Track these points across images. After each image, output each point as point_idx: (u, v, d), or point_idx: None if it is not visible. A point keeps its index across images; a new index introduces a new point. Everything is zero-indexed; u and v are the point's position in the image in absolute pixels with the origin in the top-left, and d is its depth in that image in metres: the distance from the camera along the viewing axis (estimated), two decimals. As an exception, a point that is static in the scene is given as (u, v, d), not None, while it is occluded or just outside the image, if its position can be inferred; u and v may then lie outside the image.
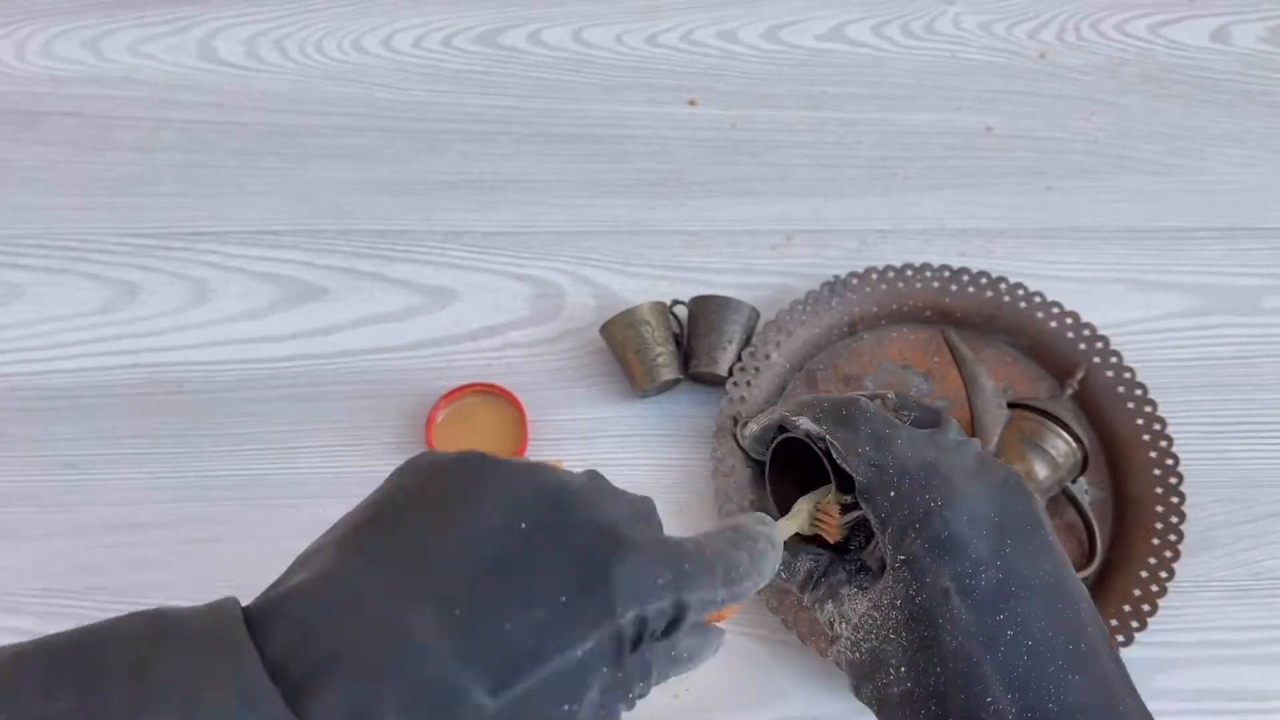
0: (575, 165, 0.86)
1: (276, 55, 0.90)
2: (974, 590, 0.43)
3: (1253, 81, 0.91)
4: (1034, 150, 0.88)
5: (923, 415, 0.51)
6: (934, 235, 0.84)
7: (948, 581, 0.43)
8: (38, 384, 0.78)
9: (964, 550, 0.43)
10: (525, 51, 0.91)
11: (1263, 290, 0.82)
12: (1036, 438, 0.70)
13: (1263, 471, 0.76)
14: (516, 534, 0.34)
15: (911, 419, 0.50)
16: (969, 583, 0.43)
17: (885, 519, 0.46)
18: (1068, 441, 0.70)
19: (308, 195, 0.85)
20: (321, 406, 0.78)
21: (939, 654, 0.42)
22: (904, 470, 0.46)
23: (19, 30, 0.90)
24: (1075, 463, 0.71)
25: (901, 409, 0.51)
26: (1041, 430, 0.70)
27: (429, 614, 0.31)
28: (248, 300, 0.81)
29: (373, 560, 0.33)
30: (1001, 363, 0.78)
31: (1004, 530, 0.44)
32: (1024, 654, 0.41)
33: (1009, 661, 0.41)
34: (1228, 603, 0.72)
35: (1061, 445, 0.70)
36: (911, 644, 0.43)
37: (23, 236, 0.83)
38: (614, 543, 0.35)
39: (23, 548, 0.73)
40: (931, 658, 0.42)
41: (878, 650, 0.44)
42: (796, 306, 0.78)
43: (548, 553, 0.34)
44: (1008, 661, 0.41)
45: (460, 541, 0.33)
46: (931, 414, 0.51)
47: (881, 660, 0.44)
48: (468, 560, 0.32)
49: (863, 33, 0.92)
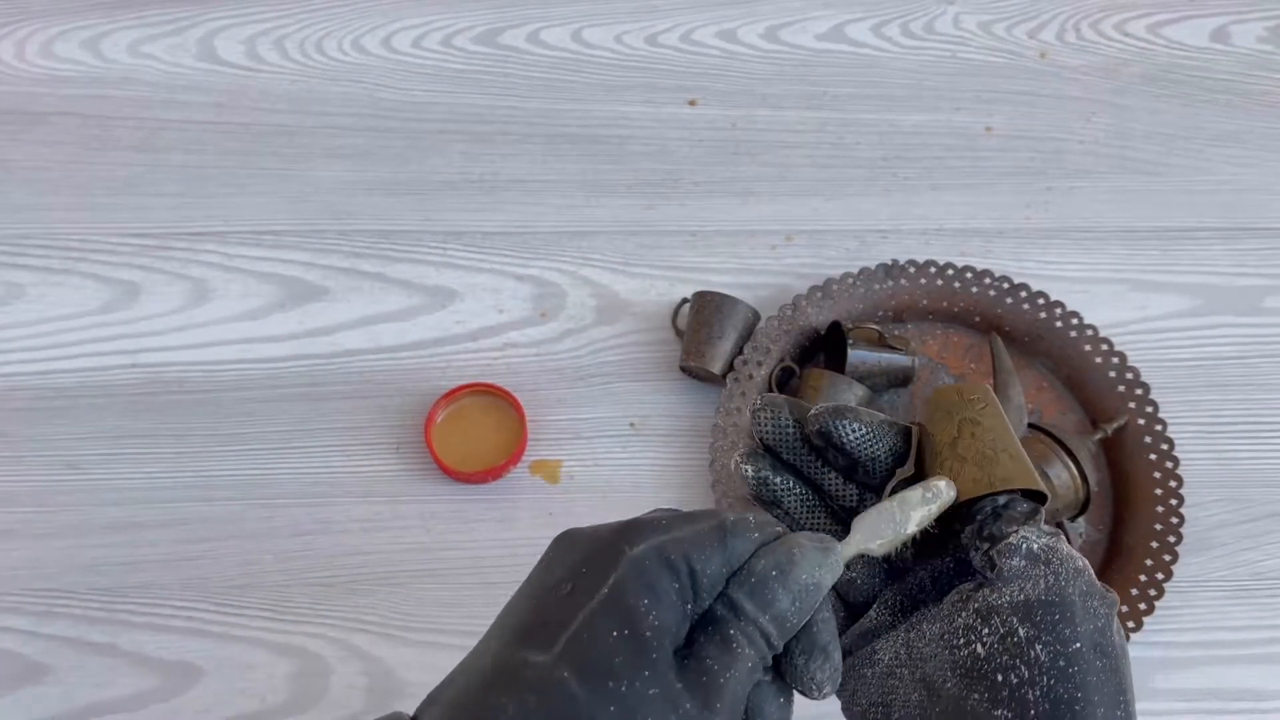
0: (575, 165, 0.86)
1: (276, 55, 0.90)
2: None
3: (1253, 81, 0.91)
4: (1034, 150, 0.88)
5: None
6: (934, 235, 0.84)
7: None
8: (38, 384, 0.78)
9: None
10: (525, 51, 0.91)
11: (1263, 290, 0.82)
12: (1043, 461, 0.70)
13: (1263, 471, 0.76)
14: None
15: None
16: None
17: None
18: (1074, 476, 0.70)
19: (308, 195, 0.85)
20: (321, 406, 0.78)
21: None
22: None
23: (19, 30, 0.90)
24: (1075, 500, 0.71)
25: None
26: (1050, 456, 0.70)
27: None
28: (248, 300, 0.81)
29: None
30: (1038, 386, 0.78)
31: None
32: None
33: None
34: (1227, 603, 0.72)
35: (1065, 476, 0.70)
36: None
37: (24, 237, 0.83)
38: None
39: (23, 548, 0.73)
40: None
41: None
42: (847, 278, 0.79)
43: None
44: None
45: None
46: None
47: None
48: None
49: (863, 33, 0.92)
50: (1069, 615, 0.38)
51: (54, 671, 0.70)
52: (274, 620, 0.72)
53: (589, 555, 0.37)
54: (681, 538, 0.37)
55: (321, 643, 0.71)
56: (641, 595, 0.35)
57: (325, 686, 0.70)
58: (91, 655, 0.71)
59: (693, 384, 0.79)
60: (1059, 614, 0.38)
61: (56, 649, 0.71)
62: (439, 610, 0.72)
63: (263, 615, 0.72)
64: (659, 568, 0.36)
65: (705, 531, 0.37)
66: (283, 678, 0.70)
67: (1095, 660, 0.38)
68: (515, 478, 0.76)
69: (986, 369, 0.77)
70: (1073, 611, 0.38)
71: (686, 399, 0.78)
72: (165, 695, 0.70)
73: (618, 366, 0.79)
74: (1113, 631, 0.40)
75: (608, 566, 0.36)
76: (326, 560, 0.73)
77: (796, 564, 0.37)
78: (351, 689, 0.70)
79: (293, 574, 0.73)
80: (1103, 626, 0.39)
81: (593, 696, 0.34)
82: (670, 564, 0.36)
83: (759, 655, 0.36)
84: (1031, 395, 0.77)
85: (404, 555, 0.74)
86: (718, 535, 0.37)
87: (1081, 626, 0.38)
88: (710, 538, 0.37)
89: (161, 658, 0.71)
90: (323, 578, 0.73)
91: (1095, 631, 0.38)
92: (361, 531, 0.74)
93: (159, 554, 0.73)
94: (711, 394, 0.78)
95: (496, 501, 0.75)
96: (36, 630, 0.71)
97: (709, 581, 0.37)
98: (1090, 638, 0.38)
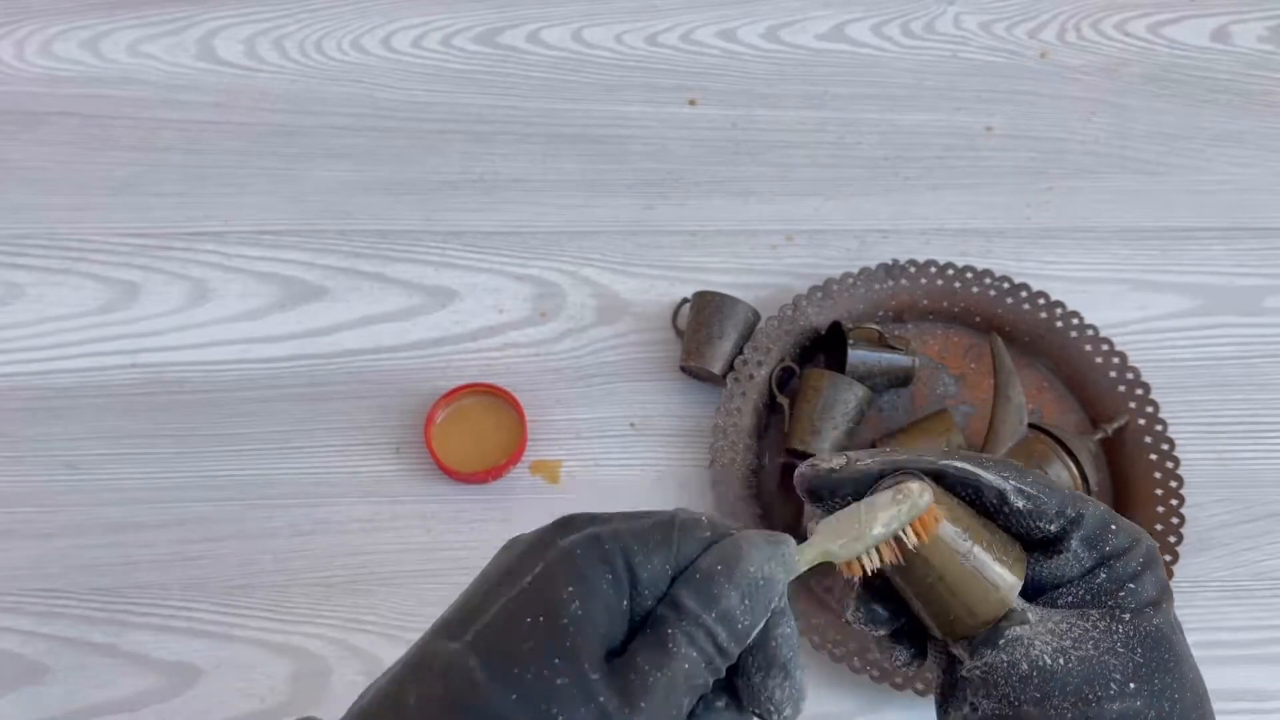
0: (575, 165, 0.86)
1: (276, 55, 0.90)
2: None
3: (1253, 81, 0.90)
4: (1034, 150, 0.88)
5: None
6: (934, 235, 0.84)
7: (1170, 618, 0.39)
8: (38, 384, 0.78)
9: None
10: (525, 51, 0.91)
11: (1263, 290, 0.82)
12: (1043, 460, 0.69)
13: (1263, 471, 0.76)
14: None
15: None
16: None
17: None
18: (1074, 476, 0.70)
19: (307, 195, 0.85)
20: (321, 406, 0.78)
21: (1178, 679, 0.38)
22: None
23: (18, 30, 0.90)
24: None
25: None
26: (1050, 456, 0.70)
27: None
28: (248, 300, 0.81)
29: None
30: (1038, 386, 0.78)
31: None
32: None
33: None
34: (1228, 603, 0.72)
35: (1065, 476, 0.70)
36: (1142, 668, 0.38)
37: (23, 237, 0.83)
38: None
39: (23, 548, 0.73)
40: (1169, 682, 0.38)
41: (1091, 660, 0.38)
42: (847, 278, 0.79)
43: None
44: None
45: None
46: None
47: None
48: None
49: (863, 32, 0.92)
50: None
51: (54, 671, 0.70)
52: (274, 620, 0.72)
53: (524, 551, 0.36)
54: (620, 530, 0.35)
55: (321, 643, 0.71)
56: (566, 584, 0.33)
57: (325, 686, 0.70)
58: (91, 655, 0.71)
59: (693, 384, 0.79)
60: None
61: (56, 649, 0.71)
62: (439, 610, 0.71)
63: (262, 615, 0.72)
64: (590, 558, 0.34)
65: (648, 527, 0.35)
66: (283, 678, 0.70)
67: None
68: (515, 478, 0.76)
69: (987, 369, 0.77)
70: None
71: (686, 399, 0.78)
72: (165, 695, 0.70)
73: (618, 366, 0.79)
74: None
75: (537, 558, 0.35)
76: (326, 560, 0.73)
77: (743, 557, 0.34)
78: (351, 689, 0.70)
79: (292, 574, 0.73)
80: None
81: (495, 683, 0.32)
82: (605, 555, 0.34)
83: (702, 658, 0.34)
84: (1032, 395, 0.77)
85: (404, 555, 0.74)
86: (662, 531, 0.35)
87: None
88: (653, 533, 0.35)
89: (161, 658, 0.71)
90: (322, 578, 0.73)
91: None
92: (361, 531, 0.74)
93: (159, 554, 0.73)
94: (711, 394, 0.78)
95: (496, 501, 0.75)
96: (36, 630, 0.71)
97: (649, 578, 0.34)
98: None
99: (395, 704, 0.34)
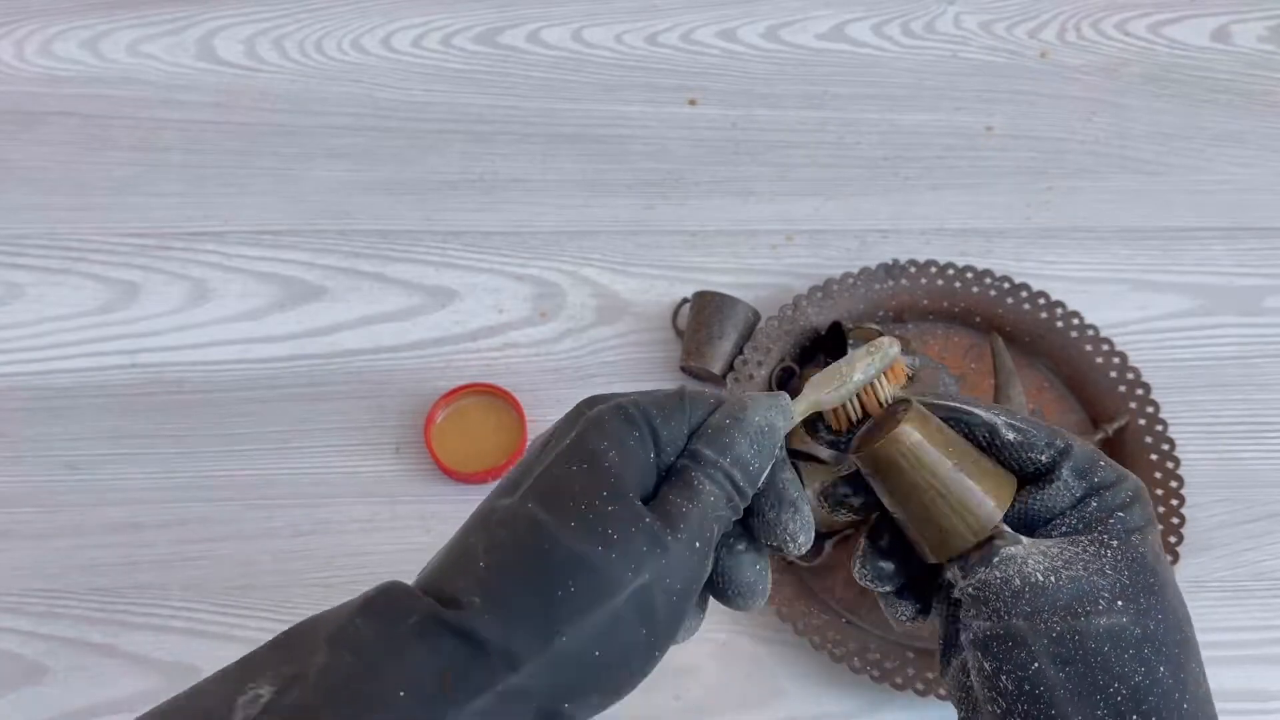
0: (575, 165, 0.86)
1: (276, 55, 0.90)
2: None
3: (1253, 81, 0.90)
4: (1034, 150, 0.88)
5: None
6: (934, 235, 0.84)
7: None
8: (38, 384, 0.78)
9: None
10: (525, 51, 0.91)
11: (1263, 290, 0.82)
12: None
13: (1263, 471, 0.76)
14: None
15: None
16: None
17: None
18: None
19: (307, 195, 0.85)
20: (321, 406, 0.78)
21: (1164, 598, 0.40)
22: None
23: (18, 30, 0.90)
24: None
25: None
26: None
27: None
28: (248, 300, 0.81)
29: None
30: (1039, 386, 0.78)
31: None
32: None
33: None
34: (1228, 603, 0.72)
35: None
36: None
37: (23, 237, 0.83)
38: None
39: (23, 548, 0.73)
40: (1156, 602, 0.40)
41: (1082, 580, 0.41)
42: (847, 278, 0.79)
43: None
44: None
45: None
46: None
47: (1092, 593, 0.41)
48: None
49: (863, 32, 0.92)
50: (1020, 639, 0.39)
51: (54, 671, 0.70)
52: (274, 621, 0.72)
53: (557, 425, 0.41)
54: (639, 399, 0.40)
55: (321, 643, 0.71)
56: (600, 440, 0.38)
57: (325, 687, 0.70)
58: (91, 655, 0.71)
59: (693, 384, 0.79)
60: (1011, 642, 0.40)
61: (56, 649, 0.71)
62: (439, 610, 0.72)
63: (262, 615, 0.72)
64: (618, 421, 0.39)
65: (664, 396, 0.40)
66: (282, 678, 0.70)
67: (1058, 673, 0.39)
68: (515, 478, 0.76)
69: (987, 369, 0.77)
70: (1022, 636, 0.39)
71: (686, 399, 0.78)
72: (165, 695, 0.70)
73: (618, 367, 0.79)
74: (1079, 629, 0.39)
75: (570, 427, 0.39)
76: (326, 561, 0.73)
77: (748, 409, 0.40)
78: (351, 689, 0.70)
79: (292, 574, 0.73)
80: (1059, 636, 0.39)
81: (555, 517, 0.36)
82: (630, 418, 0.39)
83: (724, 494, 0.39)
84: (1032, 395, 0.77)
85: (404, 555, 0.73)
86: (676, 399, 0.40)
87: (1035, 645, 0.39)
88: (669, 400, 0.40)
89: (161, 658, 0.71)
90: (322, 578, 0.73)
91: (1053, 642, 0.39)
92: (361, 532, 0.74)
93: (158, 554, 0.73)
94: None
95: (496, 502, 0.75)
96: (36, 630, 0.71)
97: (669, 437, 0.39)
98: (1047, 652, 0.39)
99: (464, 553, 0.38)
